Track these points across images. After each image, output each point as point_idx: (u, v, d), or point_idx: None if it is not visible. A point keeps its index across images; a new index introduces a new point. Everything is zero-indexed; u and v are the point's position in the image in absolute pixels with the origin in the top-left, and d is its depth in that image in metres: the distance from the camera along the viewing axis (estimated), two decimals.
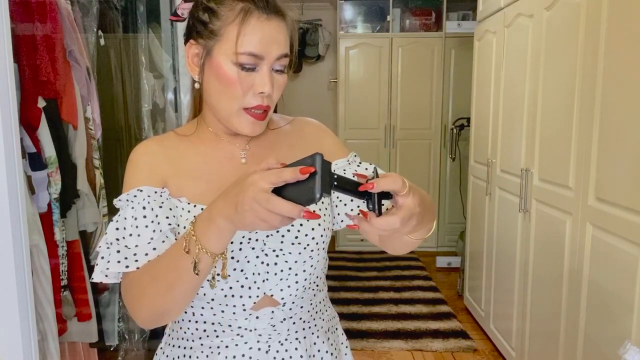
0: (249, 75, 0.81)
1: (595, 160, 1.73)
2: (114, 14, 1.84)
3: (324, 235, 0.89)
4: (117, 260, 0.79)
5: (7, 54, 0.98)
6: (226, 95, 0.82)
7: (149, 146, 0.89)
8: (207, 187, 0.85)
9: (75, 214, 1.54)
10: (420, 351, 2.82)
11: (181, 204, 0.84)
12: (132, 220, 0.80)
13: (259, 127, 0.84)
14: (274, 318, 0.87)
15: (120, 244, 0.80)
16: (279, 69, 0.83)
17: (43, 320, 1.34)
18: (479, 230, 3.06)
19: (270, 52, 0.80)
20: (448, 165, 4.62)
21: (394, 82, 4.55)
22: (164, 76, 2.16)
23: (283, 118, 0.99)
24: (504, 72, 2.66)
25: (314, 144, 0.95)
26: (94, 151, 1.60)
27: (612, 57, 1.64)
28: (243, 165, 0.89)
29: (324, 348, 0.93)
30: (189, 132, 0.91)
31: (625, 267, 1.56)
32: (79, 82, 1.53)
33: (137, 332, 2.03)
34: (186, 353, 0.89)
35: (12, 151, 1.00)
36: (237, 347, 0.86)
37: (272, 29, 0.81)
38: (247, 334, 0.86)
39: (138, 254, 0.79)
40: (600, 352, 1.70)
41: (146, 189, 0.82)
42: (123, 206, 0.83)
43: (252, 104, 0.82)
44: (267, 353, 0.87)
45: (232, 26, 0.80)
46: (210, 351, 0.87)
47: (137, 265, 0.79)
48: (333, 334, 0.98)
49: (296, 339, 0.89)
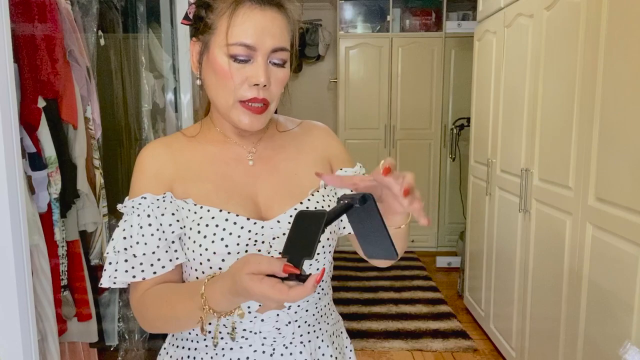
0: (242, 67, 0.80)
1: (595, 160, 1.73)
2: (114, 14, 1.84)
3: (330, 239, 0.89)
4: (124, 270, 0.82)
5: (7, 54, 0.98)
6: (222, 88, 0.82)
7: (156, 149, 0.89)
8: (213, 188, 0.86)
9: (75, 214, 1.54)
10: (420, 351, 2.82)
11: (187, 205, 0.84)
12: (137, 228, 0.82)
13: (257, 122, 0.83)
14: (279, 321, 0.86)
15: (127, 253, 0.82)
16: (277, 63, 0.82)
17: (43, 320, 1.34)
18: (479, 230, 3.06)
19: (263, 43, 0.79)
20: (448, 165, 4.62)
21: (394, 82, 4.55)
22: (164, 76, 2.16)
23: (291, 121, 0.99)
24: (504, 72, 2.66)
25: (321, 149, 0.96)
26: (94, 151, 1.60)
27: (612, 57, 1.64)
28: (250, 167, 0.89)
29: (329, 352, 0.92)
30: (195, 133, 0.92)
31: (625, 267, 1.56)
32: (79, 82, 1.53)
33: (137, 332, 2.03)
34: (190, 354, 0.88)
35: (12, 151, 1.00)
36: (241, 349, 0.85)
37: (265, 19, 0.79)
38: (252, 336, 0.85)
39: (144, 264, 0.81)
40: (600, 352, 1.70)
41: (149, 197, 0.83)
42: (128, 212, 0.84)
43: (248, 96, 0.80)
44: (271, 356, 0.86)
45: (224, 17, 0.79)
46: (214, 353, 0.86)
47: (143, 276, 0.81)
48: (338, 338, 0.98)
49: (301, 343, 0.88)
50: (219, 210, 0.83)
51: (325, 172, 0.91)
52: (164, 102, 2.17)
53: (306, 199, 0.88)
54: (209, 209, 0.83)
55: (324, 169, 0.94)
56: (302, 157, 0.93)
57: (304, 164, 0.92)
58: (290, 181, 0.90)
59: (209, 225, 0.82)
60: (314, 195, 0.89)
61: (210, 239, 0.81)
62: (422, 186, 4.66)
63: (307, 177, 0.91)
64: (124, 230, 0.83)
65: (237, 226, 0.82)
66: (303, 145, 0.95)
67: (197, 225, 0.82)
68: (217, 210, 0.83)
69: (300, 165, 0.92)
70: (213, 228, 0.82)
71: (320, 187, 0.91)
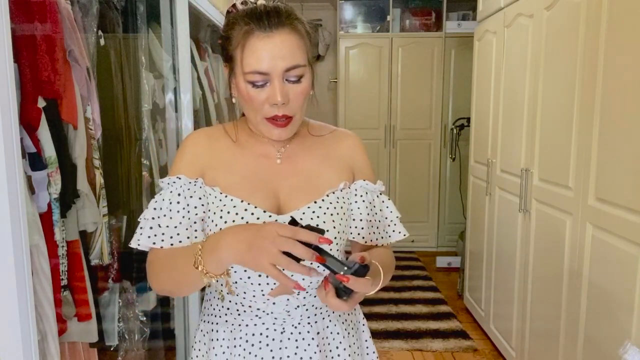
0: (261, 91, 0.89)
1: (595, 160, 1.73)
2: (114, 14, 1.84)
3: (337, 237, 0.96)
4: (147, 236, 0.93)
5: (7, 54, 0.98)
6: (249, 108, 0.93)
7: (197, 137, 1.01)
8: (240, 180, 0.96)
9: (75, 214, 1.54)
10: (420, 351, 2.82)
11: (214, 192, 0.95)
12: (167, 203, 0.93)
13: (284, 133, 0.94)
14: (289, 305, 0.96)
15: (154, 222, 0.93)
16: (293, 80, 0.90)
17: (43, 320, 1.33)
18: (479, 230, 3.05)
19: (275, 67, 0.87)
20: (448, 165, 4.62)
21: (394, 82, 4.55)
22: (164, 76, 2.16)
23: (326, 127, 1.08)
24: (504, 72, 2.66)
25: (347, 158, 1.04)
26: (94, 151, 1.60)
27: (612, 57, 1.64)
28: (277, 165, 0.99)
29: (336, 330, 1.02)
30: (233, 129, 1.02)
31: (625, 267, 1.56)
32: (79, 82, 1.52)
33: (137, 332, 2.03)
34: (214, 328, 1.01)
35: (12, 151, 1.00)
36: (255, 326, 0.97)
37: (275, 44, 0.87)
38: (264, 316, 0.97)
39: (165, 235, 0.92)
40: (600, 352, 1.70)
41: (183, 179, 0.94)
42: (164, 187, 0.95)
43: (270, 114, 0.91)
44: (282, 334, 0.97)
45: (238, 49, 0.89)
46: (232, 327, 0.98)
47: (161, 245, 0.92)
48: (350, 315, 1.07)
49: (308, 323, 0.98)
50: (240, 200, 0.93)
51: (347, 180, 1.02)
52: (164, 102, 2.17)
53: (320, 199, 0.97)
54: (232, 199, 0.93)
55: (347, 176, 1.03)
56: (327, 161, 1.02)
57: (327, 167, 1.01)
58: (311, 181, 0.99)
59: (230, 213, 0.92)
60: (329, 196, 0.98)
61: (229, 225, 0.91)
62: (422, 186, 4.66)
63: (327, 179, 1.00)
64: (156, 202, 0.94)
65: (253, 217, 0.92)
66: (331, 151, 1.03)
67: (220, 211, 0.93)
68: (239, 201, 0.93)
69: (324, 168, 1.01)
70: (233, 216, 0.92)
71: (337, 190, 1.00)
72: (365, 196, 1.02)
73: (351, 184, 1.03)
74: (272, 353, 0.97)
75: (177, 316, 2.29)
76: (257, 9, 0.89)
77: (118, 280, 1.81)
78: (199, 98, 2.53)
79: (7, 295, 1.01)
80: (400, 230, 1.06)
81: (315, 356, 0.97)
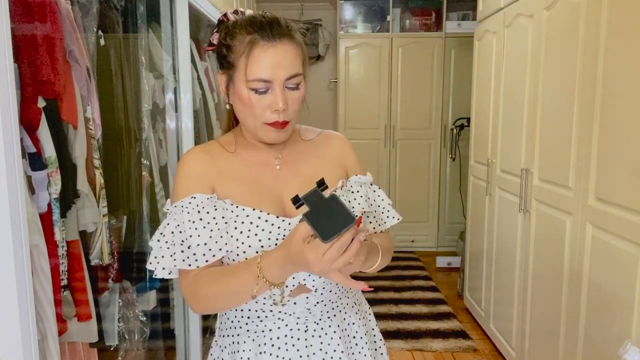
0: (263, 97, 0.94)
1: (595, 160, 1.73)
2: (114, 14, 1.83)
3: None
4: (182, 259, 0.94)
5: (7, 54, 0.98)
6: (248, 114, 0.97)
7: (198, 154, 1.03)
8: (248, 189, 1.00)
9: (75, 214, 1.54)
10: (420, 351, 2.82)
11: (225, 204, 0.98)
12: (190, 224, 0.94)
13: (282, 135, 0.99)
14: (309, 302, 1.00)
15: (183, 245, 0.94)
16: (292, 87, 0.95)
17: (43, 320, 1.33)
18: (479, 230, 3.05)
19: (278, 75, 0.93)
20: (448, 165, 4.62)
21: (394, 82, 4.55)
22: (164, 76, 2.16)
23: (312, 130, 1.14)
24: (504, 72, 2.66)
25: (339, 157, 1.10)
26: (94, 151, 1.60)
27: (612, 57, 1.64)
28: (277, 171, 1.04)
29: (352, 320, 1.07)
30: (229, 142, 1.06)
31: (625, 267, 1.56)
32: (79, 82, 1.52)
33: (137, 332, 2.03)
34: (234, 340, 1.03)
35: (12, 151, 1.00)
36: (279, 329, 1.00)
37: (277, 54, 0.92)
38: (287, 317, 1.00)
39: (197, 254, 0.94)
40: (600, 352, 1.70)
41: (199, 196, 0.96)
42: (177, 212, 0.96)
43: (271, 119, 0.95)
44: (305, 332, 1.01)
45: (242, 58, 0.93)
46: (255, 335, 1.01)
47: (197, 264, 0.94)
48: (361, 305, 1.13)
49: (328, 318, 1.03)
50: (252, 209, 0.97)
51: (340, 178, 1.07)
52: (164, 102, 2.17)
53: None
54: (243, 208, 0.97)
55: (341, 174, 1.09)
56: (322, 162, 1.08)
57: (324, 168, 1.07)
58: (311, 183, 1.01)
59: (244, 223, 0.96)
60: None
61: (245, 235, 0.96)
62: (422, 186, 4.66)
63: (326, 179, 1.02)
64: (177, 226, 0.95)
65: (268, 223, 0.96)
66: (323, 152, 1.09)
67: (234, 222, 0.96)
68: (251, 210, 0.97)
69: (321, 169, 1.06)
70: (248, 225, 0.96)
71: (337, 189, 1.05)
72: (360, 190, 1.07)
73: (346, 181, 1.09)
74: (299, 352, 1.00)
75: (177, 316, 2.29)
76: (257, 19, 0.94)
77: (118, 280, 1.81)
78: (199, 98, 2.53)
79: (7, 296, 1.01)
80: (394, 215, 1.12)
81: (339, 348, 1.01)
